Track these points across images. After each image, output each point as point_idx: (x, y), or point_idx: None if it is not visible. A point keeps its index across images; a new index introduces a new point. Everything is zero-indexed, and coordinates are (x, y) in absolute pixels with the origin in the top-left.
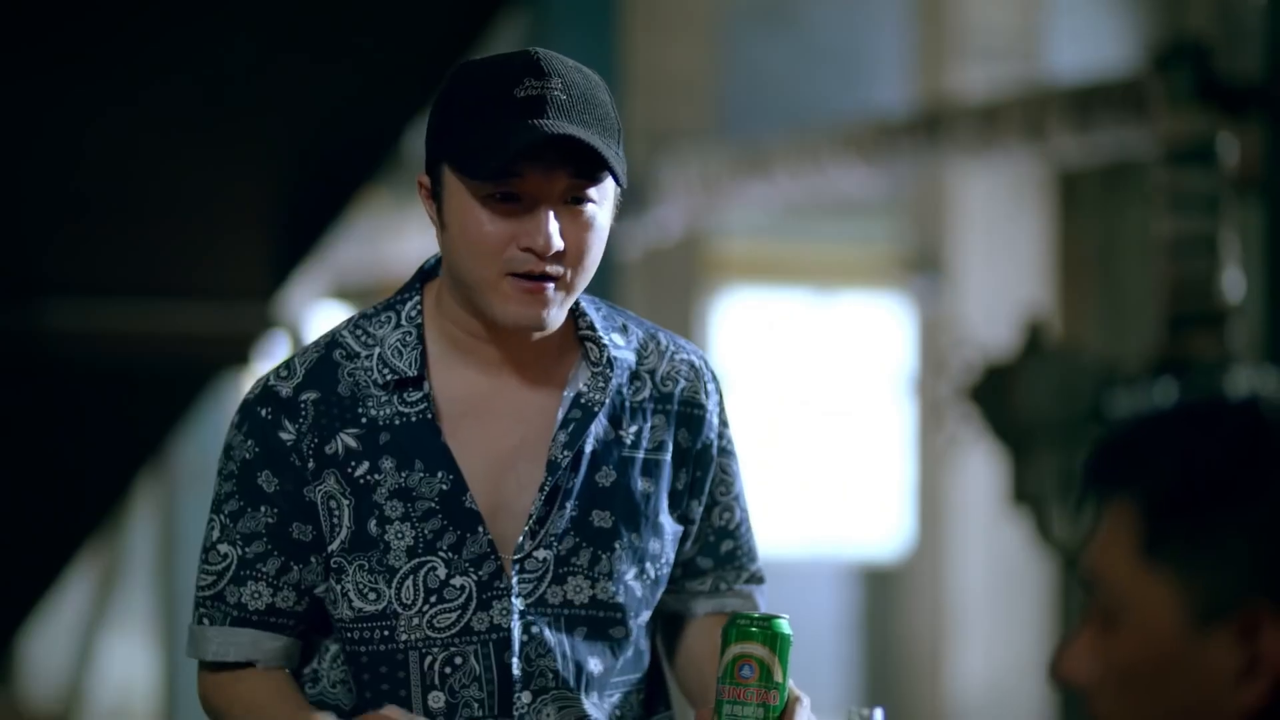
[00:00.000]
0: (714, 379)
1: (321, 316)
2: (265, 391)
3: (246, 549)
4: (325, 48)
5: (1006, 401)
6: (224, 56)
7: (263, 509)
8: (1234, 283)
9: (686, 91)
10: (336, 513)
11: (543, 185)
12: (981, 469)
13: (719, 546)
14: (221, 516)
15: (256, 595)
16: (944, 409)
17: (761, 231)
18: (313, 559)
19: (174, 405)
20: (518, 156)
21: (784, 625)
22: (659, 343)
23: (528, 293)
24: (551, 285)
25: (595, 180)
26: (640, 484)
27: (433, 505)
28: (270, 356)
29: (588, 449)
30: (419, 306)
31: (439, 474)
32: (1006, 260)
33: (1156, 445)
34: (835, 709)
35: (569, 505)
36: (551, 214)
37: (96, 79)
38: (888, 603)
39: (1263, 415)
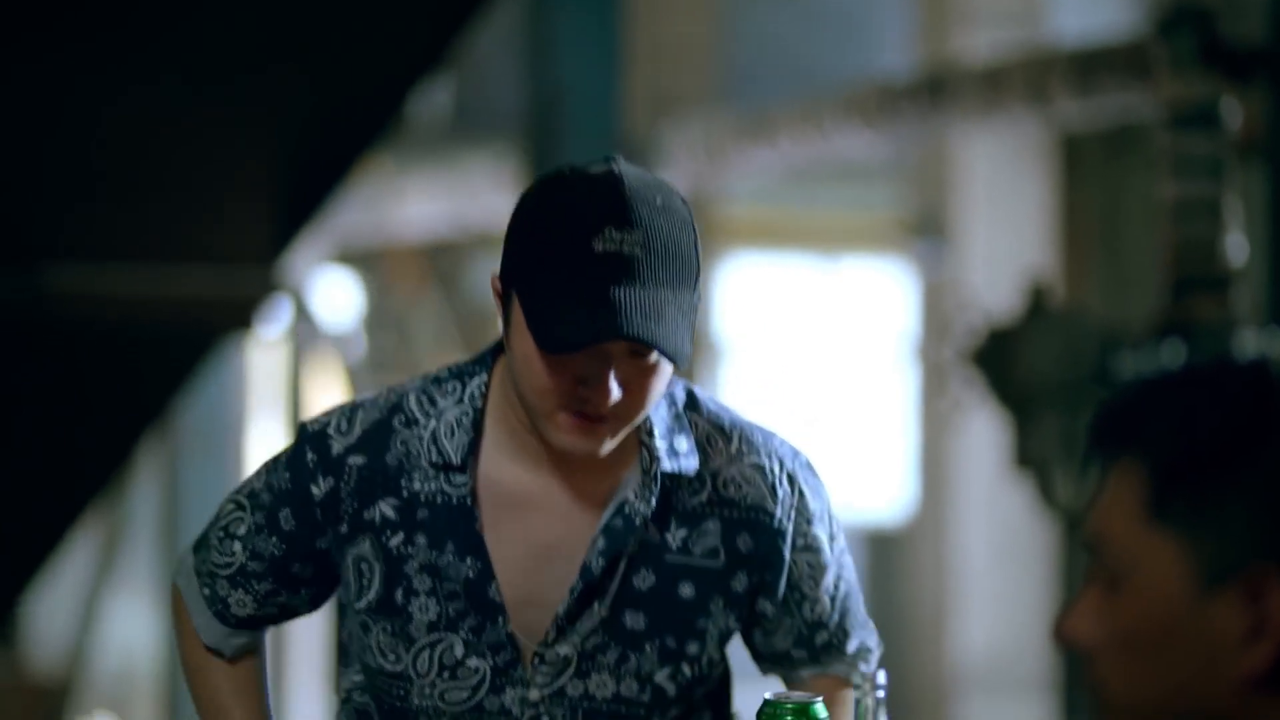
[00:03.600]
0: (789, 481)
1: (325, 281)
2: (320, 436)
3: (250, 562)
4: (330, 11)
5: (1009, 365)
6: (228, 21)
7: (274, 539)
8: (1237, 247)
9: (690, 57)
10: (367, 575)
11: (611, 344)
12: (984, 433)
13: (813, 639)
14: (248, 517)
15: (241, 604)
16: (947, 373)
17: (765, 197)
18: (303, 591)
19: (177, 369)
20: (582, 347)
21: (817, 710)
22: (729, 442)
23: (580, 429)
24: (610, 422)
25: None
26: (683, 589)
27: (457, 589)
28: (273, 321)
29: (626, 551)
30: (484, 385)
31: (468, 560)
32: (1009, 224)
33: (1162, 407)
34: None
35: (600, 605)
36: (613, 373)
37: (98, 46)
38: (890, 567)
39: (1270, 377)
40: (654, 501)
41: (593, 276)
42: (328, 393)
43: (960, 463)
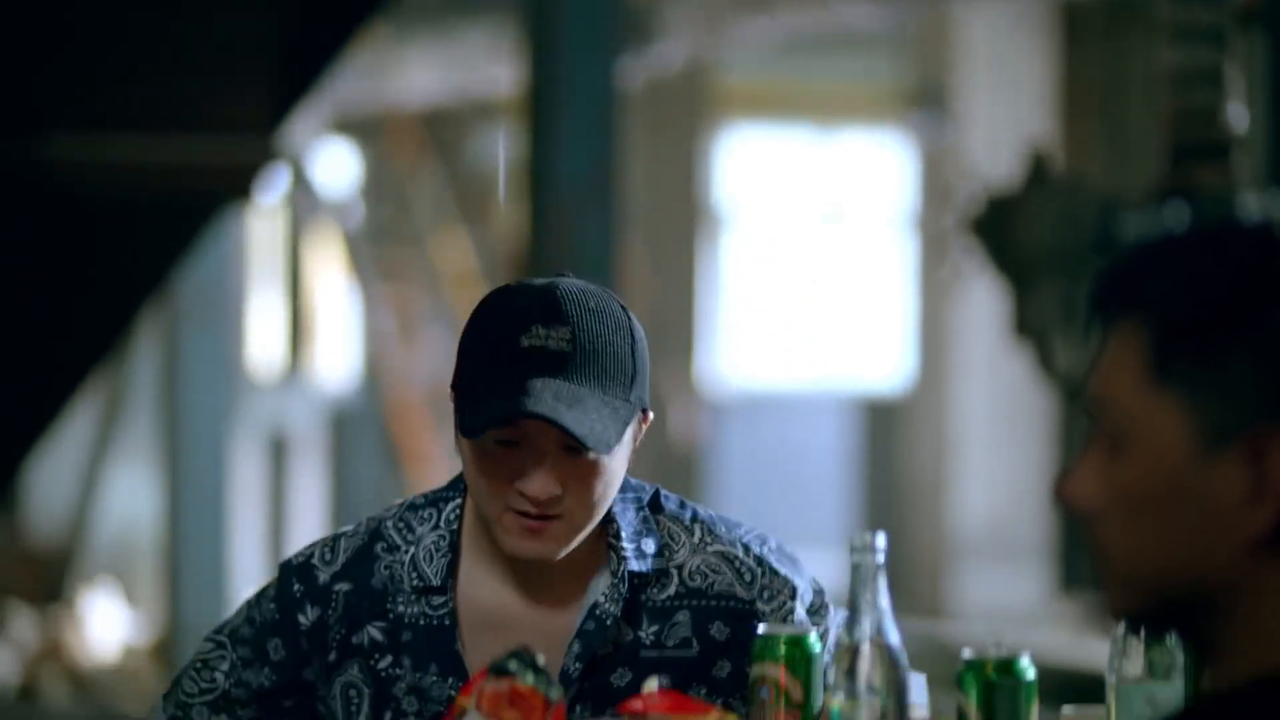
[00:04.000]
0: (757, 563)
1: (323, 150)
2: (305, 567)
3: (234, 689)
4: None
5: (1009, 233)
6: None
7: (265, 670)
8: (1238, 114)
9: None
10: (356, 701)
11: (540, 437)
12: (984, 302)
13: None
14: (232, 653)
15: None
16: (947, 242)
17: (764, 66)
18: None
19: (177, 238)
20: (489, 427)
21: (809, 643)
22: (692, 535)
23: (529, 530)
24: (556, 522)
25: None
26: (657, 683)
27: (440, 709)
28: (272, 189)
29: (600, 654)
30: (459, 510)
31: (449, 680)
32: (1009, 93)
33: (1165, 269)
34: (838, 541)
35: (582, 710)
36: (545, 465)
37: None
38: (890, 435)
39: (1274, 239)
40: (622, 602)
41: (515, 369)
42: (327, 263)
43: (959, 332)
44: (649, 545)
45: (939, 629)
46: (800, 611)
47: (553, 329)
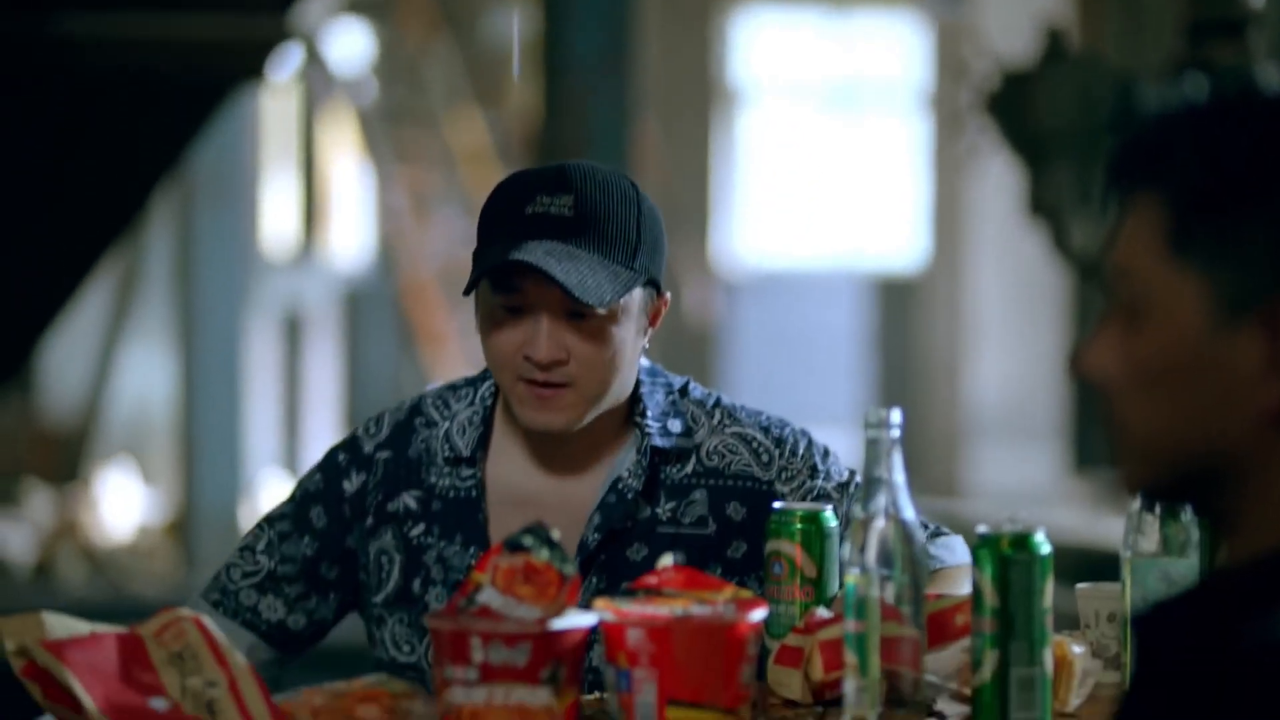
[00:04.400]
0: (776, 444)
1: (336, 27)
2: (350, 440)
3: (280, 566)
4: None
5: (1025, 111)
6: None
7: (306, 539)
8: None
9: None
10: (387, 567)
11: (541, 298)
12: (999, 180)
13: None
14: (270, 530)
15: (272, 609)
16: (962, 120)
17: None
18: (331, 596)
19: (190, 116)
20: (490, 279)
21: (824, 519)
22: (712, 417)
23: (539, 398)
24: (565, 390)
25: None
26: (672, 559)
27: (459, 578)
28: (285, 67)
29: (619, 527)
30: (494, 388)
31: (471, 550)
32: None
33: (1184, 140)
34: (853, 420)
35: (597, 580)
36: (546, 326)
37: None
38: (904, 314)
39: None
40: (644, 476)
41: (516, 231)
42: (341, 142)
43: (974, 210)
44: (674, 425)
45: (953, 508)
46: (825, 484)
47: (556, 197)
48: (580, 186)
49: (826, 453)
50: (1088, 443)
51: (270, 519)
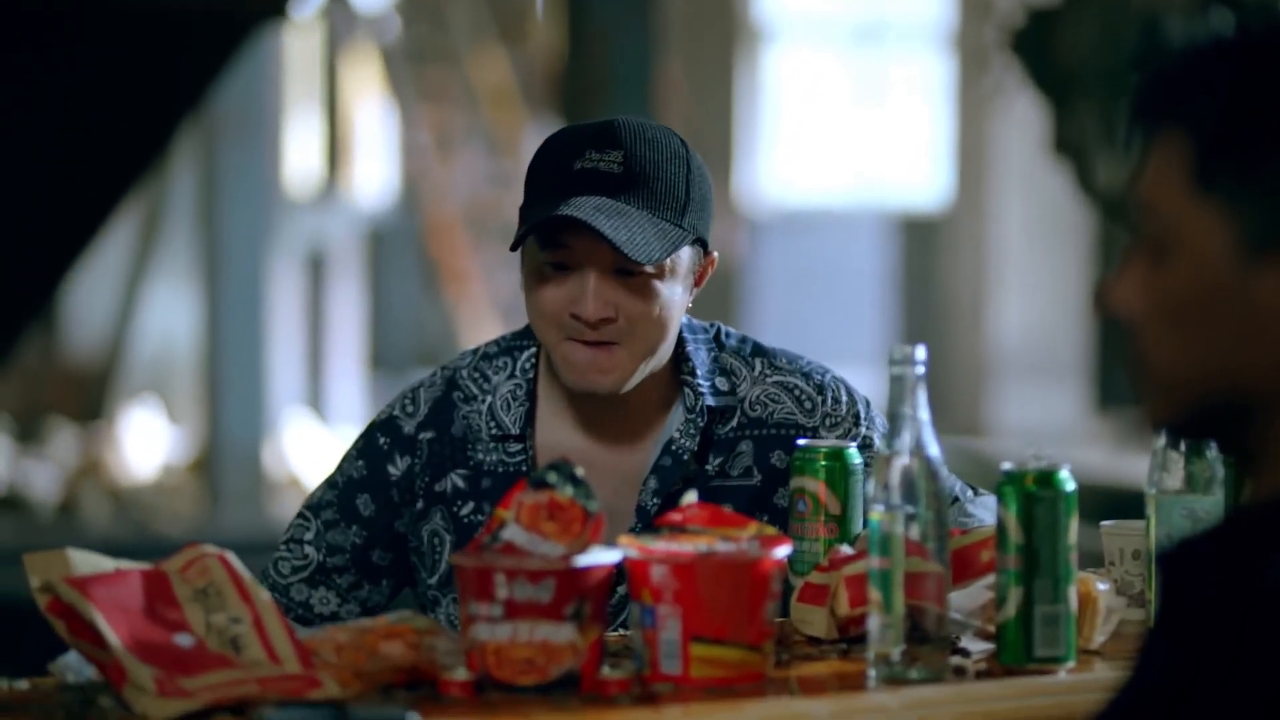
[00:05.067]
0: (818, 391)
1: None
2: (388, 421)
3: (329, 558)
4: None
5: (1050, 48)
6: None
7: (354, 528)
8: None
9: None
10: (439, 549)
11: (589, 255)
12: (1023, 118)
13: None
14: (316, 520)
15: (325, 601)
16: (987, 57)
17: None
18: (384, 582)
19: (214, 53)
20: (532, 234)
21: (848, 456)
22: (753, 368)
23: (587, 358)
24: (614, 348)
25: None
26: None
27: None
28: (308, 5)
29: (675, 489)
30: (534, 359)
31: None
32: None
33: (1209, 76)
34: (876, 358)
35: None
36: (593, 283)
37: None
38: (928, 252)
39: None
40: (697, 437)
41: (566, 187)
42: (364, 80)
43: (998, 148)
44: (722, 383)
45: (977, 446)
46: (870, 432)
47: (605, 153)
48: (630, 143)
49: (868, 403)
50: (1112, 381)
51: (314, 508)
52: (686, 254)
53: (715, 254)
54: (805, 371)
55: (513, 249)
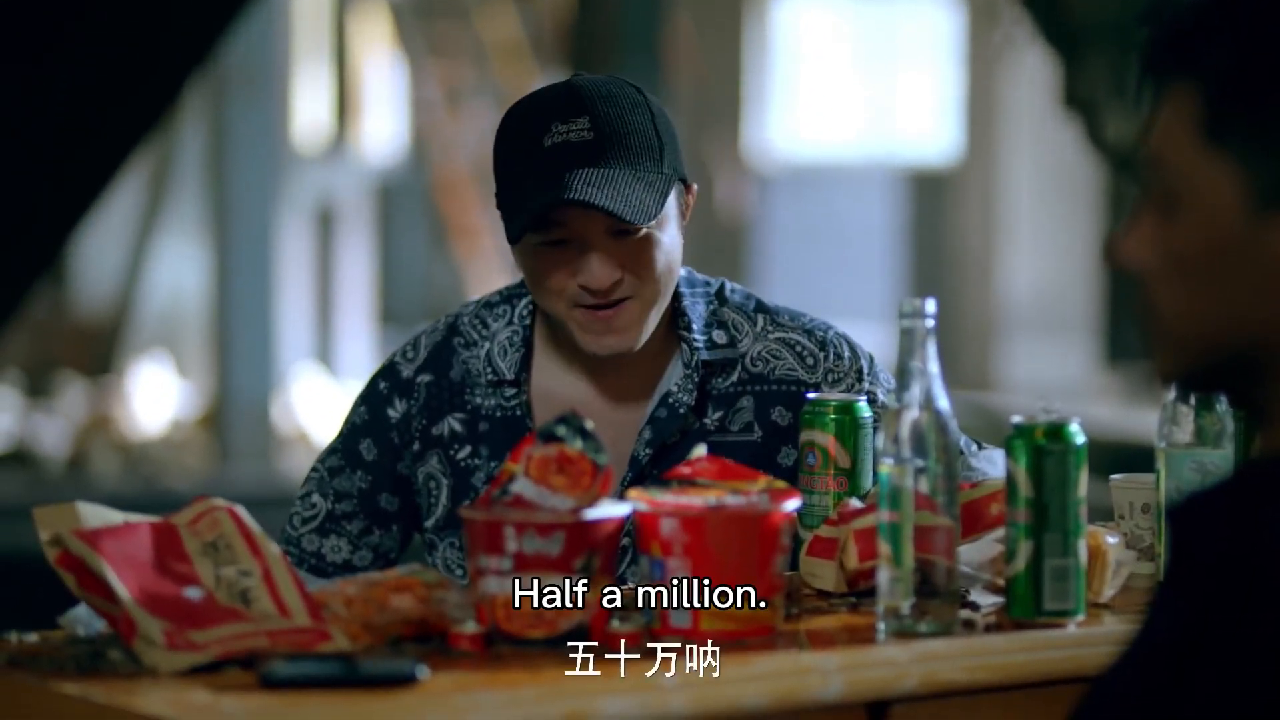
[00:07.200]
0: (820, 347)
1: None
2: (390, 368)
3: (337, 505)
4: None
5: (1059, 2)
6: None
7: (359, 473)
8: None
9: None
10: (435, 492)
11: (584, 227)
12: (1033, 72)
13: None
14: (322, 468)
15: (336, 549)
16: (997, 10)
17: None
18: (394, 527)
19: (223, 6)
20: (533, 224)
21: (858, 409)
22: (754, 324)
23: (600, 320)
24: (627, 304)
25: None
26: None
27: None
28: None
29: (670, 441)
30: (532, 305)
31: None
32: None
33: (1219, 28)
34: (886, 312)
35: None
36: (596, 253)
37: None
38: (938, 207)
39: None
40: (695, 391)
41: (544, 167)
42: (373, 34)
43: (1008, 102)
44: (719, 336)
45: (987, 401)
46: (874, 388)
47: (571, 122)
48: (593, 106)
49: (872, 359)
50: (1121, 336)
51: (322, 459)
52: (672, 195)
53: (694, 185)
54: (808, 328)
55: (512, 243)
